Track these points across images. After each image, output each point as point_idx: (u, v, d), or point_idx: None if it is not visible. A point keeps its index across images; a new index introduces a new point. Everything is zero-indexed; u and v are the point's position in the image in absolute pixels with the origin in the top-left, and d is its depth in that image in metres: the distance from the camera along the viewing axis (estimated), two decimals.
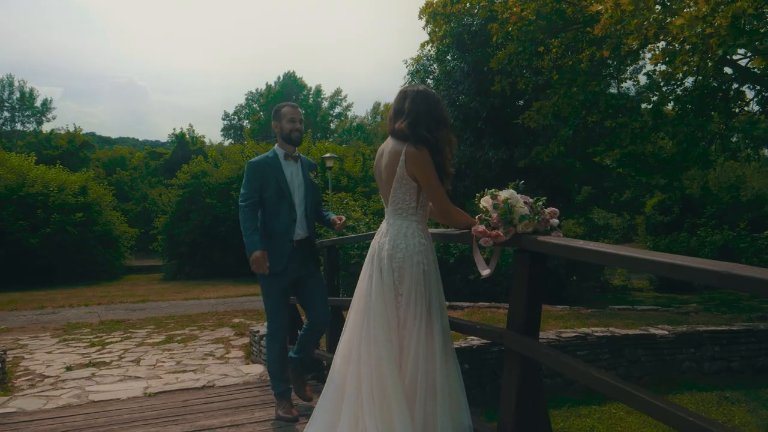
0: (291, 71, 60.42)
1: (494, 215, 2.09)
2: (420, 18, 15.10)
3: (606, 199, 18.92)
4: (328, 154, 18.34)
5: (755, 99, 8.75)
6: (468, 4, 14.45)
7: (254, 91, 62.37)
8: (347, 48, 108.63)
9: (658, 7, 6.68)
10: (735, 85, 9.21)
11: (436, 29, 14.70)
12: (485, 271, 2.28)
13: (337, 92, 63.90)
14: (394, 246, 2.41)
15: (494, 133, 14.12)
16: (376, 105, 69.44)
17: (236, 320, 10.66)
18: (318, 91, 61.62)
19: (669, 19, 6.14)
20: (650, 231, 29.16)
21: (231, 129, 62.71)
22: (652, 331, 6.68)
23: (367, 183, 24.57)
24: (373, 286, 2.40)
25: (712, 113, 9.05)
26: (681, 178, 12.64)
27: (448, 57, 15.96)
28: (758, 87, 8.70)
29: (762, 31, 5.77)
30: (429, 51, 15.58)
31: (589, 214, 21.26)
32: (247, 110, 62.60)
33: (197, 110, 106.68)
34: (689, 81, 10.24)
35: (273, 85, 59.44)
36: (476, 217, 2.28)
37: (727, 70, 10.13)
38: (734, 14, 5.27)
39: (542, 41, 11.64)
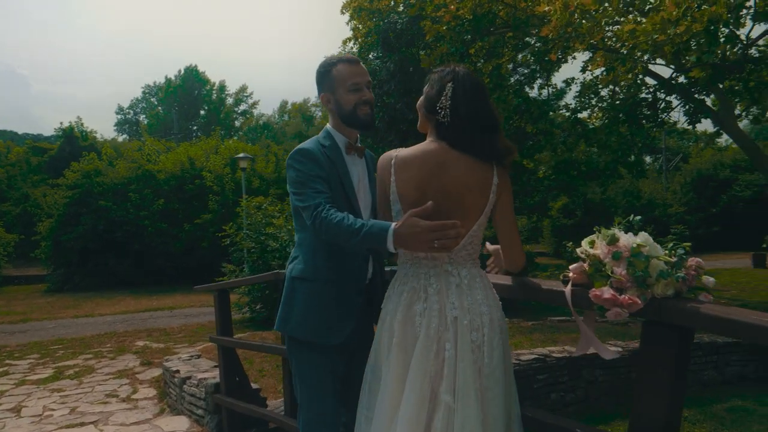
0: (193, 65, 57.31)
1: (621, 271, 1.41)
2: (342, 13, 14.38)
3: (518, 201, 19.30)
4: (241, 154, 17.00)
5: (683, 110, 8.91)
6: (392, 2, 13.92)
7: (152, 84, 58.56)
8: (255, 43, 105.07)
9: (619, 6, 6.44)
10: (664, 96, 9.36)
11: (360, 26, 14.03)
12: (610, 354, 1.65)
13: (243, 89, 61.47)
14: (488, 307, 1.82)
15: (421, 136, 13.59)
16: (284, 103, 67.82)
17: (140, 343, 9.32)
18: (222, 87, 58.87)
19: (630, 25, 5.87)
20: (554, 233, 30.44)
21: (126, 124, 58.40)
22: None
23: (280, 185, 23.34)
24: (459, 379, 1.70)
25: (643, 123, 9.14)
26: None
27: (371, 56, 15.31)
28: (683, 99, 8.86)
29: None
30: (351, 48, 14.85)
31: None
32: (144, 104, 58.62)
33: (87, 103, 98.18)
34: (619, 90, 10.32)
35: (173, 78, 56.00)
36: (569, 270, 1.60)
37: (653, 81, 10.31)
38: (710, 19, 5.08)
39: (471, 42, 11.33)
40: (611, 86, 9.36)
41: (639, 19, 6.37)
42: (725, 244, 28.93)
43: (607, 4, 6.23)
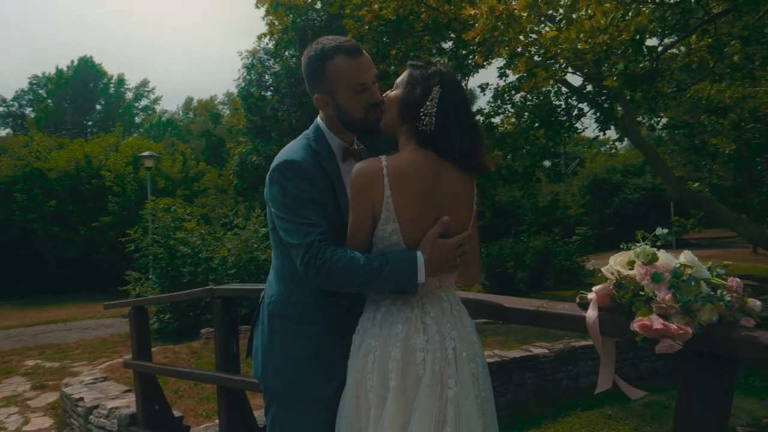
0: (88, 56, 53.30)
1: (666, 296, 1.24)
2: (258, 7, 13.78)
3: None
4: (146, 153, 15.83)
5: (594, 117, 9.32)
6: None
7: (41, 75, 53.67)
8: (158, 35, 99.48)
9: (548, 12, 6.55)
10: (576, 103, 9.76)
11: (277, 21, 13.53)
12: (636, 394, 1.49)
13: (144, 83, 58.00)
14: (476, 334, 1.66)
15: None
16: (189, 100, 64.79)
17: (30, 363, 8.34)
18: (121, 80, 55.24)
19: (552, 33, 5.99)
20: None
21: (9, 117, 53.14)
22: (534, 351, 6.52)
23: (187, 185, 22.14)
24: (463, 420, 1.49)
25: (558, 129, 9.47)
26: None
27: (287, 53, 14.85)
28: (594, 107, 9.27)
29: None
30: (267, 44, 14.31)
31: None
32: (30, 96, 53.59)
33: None
34: (531, 97, 10.63)
35: (65, 69, 51.84)
36: (588, 292, 1.42)
37: (565, 88, 10.72)
38: (637, 29, 5.27)
39: (391, 44, 11.24)
40: (526, 92, 9.61)
41: (561, 26, 6.54)
42: (618, 243, 31.22)
43: (535, 11, 6.33)
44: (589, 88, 9.86)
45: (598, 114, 9.38)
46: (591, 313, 1.43)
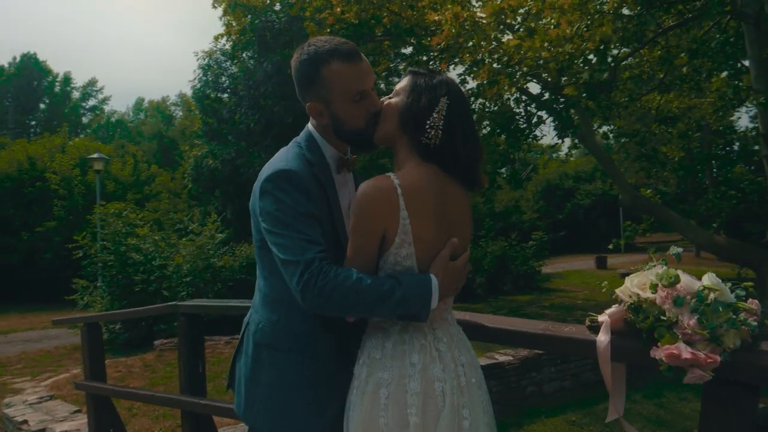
0: (32, 52, 50.99)
1: (691, 322, 1.17)
2: (215, 7, 13.44)
3: None
4: (95, 155, 15.13)
5: (553, 125, 9.47)
6: (269, 1, 13.33)
7: None
8: (108, 32, 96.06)
9: (516, 20, 6.59)
10: (535, 111, 9.90)
11: (234, 22, 13.23)
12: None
13: (92, 82, 56.03)
14: (476, 361, 1.57)
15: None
16: (140, 100, 63.00)
17: None
18: (67, 79, 53.10)
19: (514, 41, 6.04)
20: None
21: None
22: (500, 358, 6.53)
23: (139, 188, 21.37)
24: None
25: (519, 136, 9.59)
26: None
27: (244, 55, 14.53)
28: (553, 114, 9.43)
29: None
30: (224, 46, 13.96)
31: None
32: None
33: None
34: (490, 104, 10.73)
35: (7, 66, 49.50)
36: (600, 316, 1.34)
37: (524, 96, 10.87)
38: (602, 39, 5.35)
39: None
40: (486, 100, 9.68)
41: (521, 35, 6.60)
42: (570, 247, 32.04)
43: (503, 17, 6.36)
44: (547, 96, 10.04)
45: (556, 122, 9.55)
46: (603, 338, 1.35)
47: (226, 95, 14.90)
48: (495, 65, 7.77)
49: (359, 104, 1.54)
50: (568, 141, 11.68)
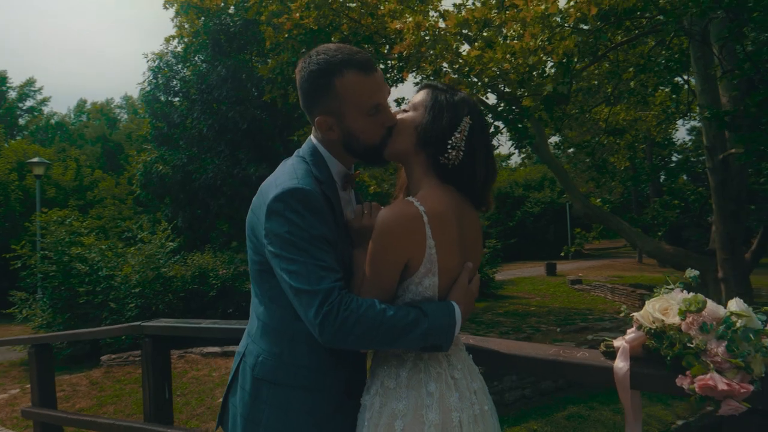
0: None
1: (719, 349, 1.12)
2: (166, 8, 13.04)
3: None
4: (35, 159, 14.31)
5: (509, 135, 9.64)
6: (223, 3, 13.05)
7: None
8: (47, 30, 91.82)
9: (478, 32, 6.62)
10: (492, 121, 10.05)
11: (187, 24, 12.88)
12: None
13: (30, 82, 53.24)
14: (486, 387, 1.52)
15: (254, 147, 12.83)
16: (82, 102, 60.36)
17: None
18: (2, 78, 50.30)
19: (475, 52, 6.09)
20: None
21: None
22: None
23: (81, 194, 20.43)
24: None
25: None
26: None
27: (197, 58, 14.13)
28: (509, 125, 9.59)
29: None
30: (176, 48, 13.52)
31: None
32: None
33: None
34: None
35: None
36: (616, 341, 1.28)
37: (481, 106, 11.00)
38: (565, 52, 5.44)
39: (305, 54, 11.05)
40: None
41: (481, 47, 6.67)
42: (520, 254, 32.78)
43: (465, 30, 6.40)
44: (503, 106, 10.21)
45: (513, 132, 9.71)
46: (621, 365, 1.30)
47: (177, 99, 14.42)
48: (454, 75, 7.85)
49: (374, 118, 1.44)
50: (520, 151, 11.95)
